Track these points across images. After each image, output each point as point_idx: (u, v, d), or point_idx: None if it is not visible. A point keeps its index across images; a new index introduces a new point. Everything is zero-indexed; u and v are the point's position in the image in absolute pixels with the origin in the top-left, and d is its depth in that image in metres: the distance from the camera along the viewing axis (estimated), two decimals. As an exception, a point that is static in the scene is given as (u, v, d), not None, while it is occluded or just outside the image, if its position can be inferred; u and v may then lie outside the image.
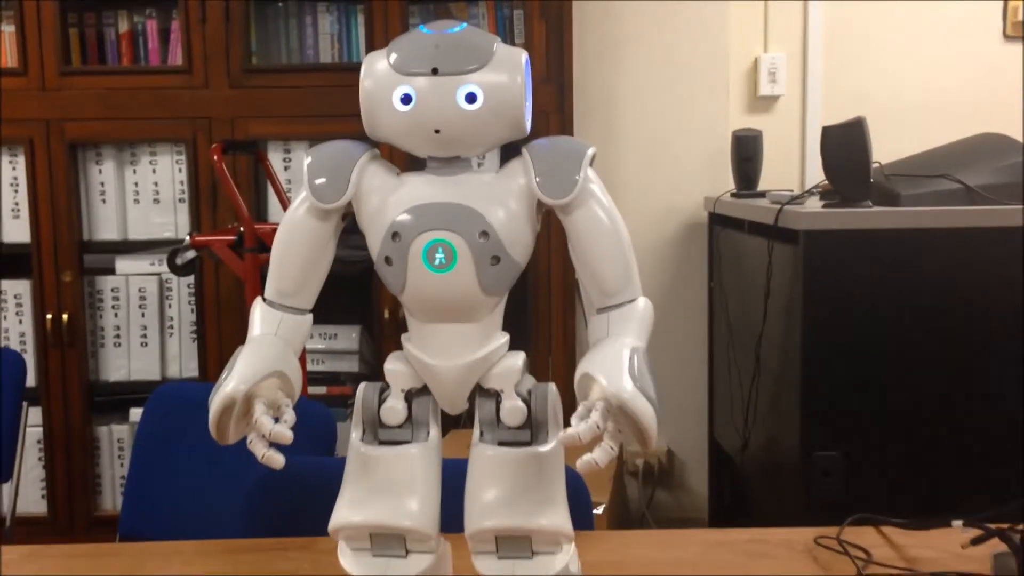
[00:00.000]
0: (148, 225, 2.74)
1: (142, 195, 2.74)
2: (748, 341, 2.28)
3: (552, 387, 0.78)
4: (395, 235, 0.74)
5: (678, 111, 2.88)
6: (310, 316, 0.81)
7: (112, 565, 1.08)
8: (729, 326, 2.56)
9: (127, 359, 2.76)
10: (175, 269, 2.38)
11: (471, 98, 0.72)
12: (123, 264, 2.75)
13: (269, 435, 0.73)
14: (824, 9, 3.02)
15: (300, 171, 2.74)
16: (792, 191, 2.50)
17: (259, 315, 0.80)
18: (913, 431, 1.96)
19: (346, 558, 0.78)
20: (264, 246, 2.37)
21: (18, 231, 2.70)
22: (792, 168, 3.01)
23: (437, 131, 0.73)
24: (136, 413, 2.76)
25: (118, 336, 2.75)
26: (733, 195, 2.62)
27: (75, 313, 2.67)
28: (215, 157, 2.31)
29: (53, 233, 2.66)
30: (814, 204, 2.16)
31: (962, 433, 1.96)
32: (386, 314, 2.62)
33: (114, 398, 2.79)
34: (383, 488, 0.76)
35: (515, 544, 0.76)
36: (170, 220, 2.74)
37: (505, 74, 0.73)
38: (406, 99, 0.73)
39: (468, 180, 0.75)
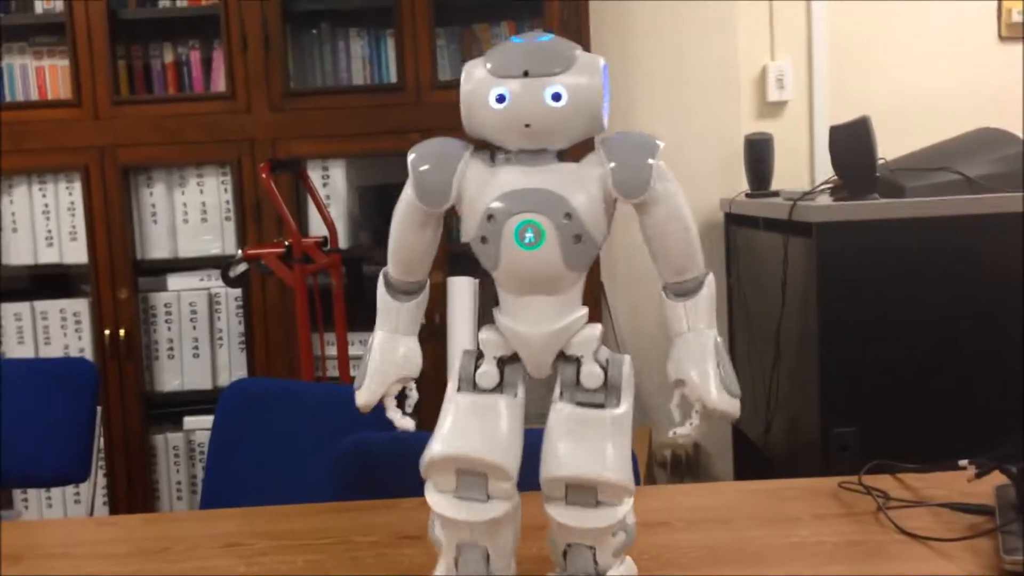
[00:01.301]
0: (197, 243, 2.91)
1: (191, 215, 2.90)
2: (768, 330, 2.43)
3: (627, 358, 0.88)
4: (490, 217, 0.83)
5: (692, 118, 3.05)
6: (427, 289, 0.94)
7: (223, 526, 1.23)
8: (748, 318, 2.71)
9: (180, 370, 2.93)
10: (228, 281, 2.55)
11: (556, 97, 0.82)
12: (174, 281, 2.92)
13: (398, 425, 0.93)
14: (827, 17, 3.18)
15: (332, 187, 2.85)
16: (803, 190, 2.65)
17: (382, 303, 0.93)
18: (923, 404, 2.10)
19: (432, 496, 0.88)
20: (309, 258, 2.54)
21: (75, 252, 2.88)
22: (801, 168, 3.17)
23: (527, 125, 0.82)
24: (190, 421, 2.92)
25: (171, 349, 2.92)
26: (747, 195, 2.78)
27: (131, 328, 2.84)
28: (264, 175, 2.48)
29: (109, 253, 2.83)
30: (825, 199, 2.31)
31: (969, 403, 2.10)
32: (436, 320, 2.78)
33: (169, 410, 2.95)
34: (473, 428, 0.86)
35: (582, 493, 0.86)
36: (217, 237, 2.90)
37: (586, 76, 0.83)
38: (500, 99, 0.82)
39: (553, 170, 0.85)
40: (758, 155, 2.74)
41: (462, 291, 2.66)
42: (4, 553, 1.12)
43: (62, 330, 2.90)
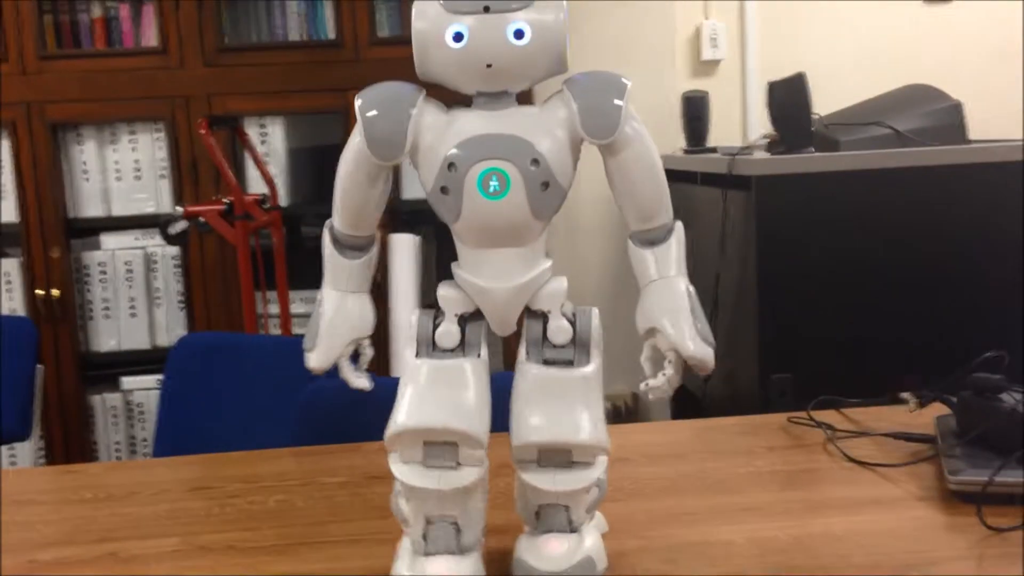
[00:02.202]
0: (131, 201, 2.86)
1: (124, 173, 2.85)
2: (705, 283, 2.49)
3: (595, 311, 0.83)
4: (451, 166, 0.77)
5: (629, 76, 3.07)
6: (376, 246, 0.87)
7: (188, 471, 1.24)
8: (686, 272, 2.78)
9: (117, 330, 2.89)
10: (168, 239, 2.52)
11: (519, 34, 0.76)
12: (108, 240, 2.87)
13: (354, 384, 0.87)
14: (759, -23, 3.24)
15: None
16: (737, 145, 2.71)
17: (330, 261, 0.86)
18: (857, 351, 2.19)
19: (398, 467, 0.83)
20: (250, 215, 2.52)
21: (4, 211, 2.80)
22: (734, 125, 3.23)
23: (489, 66, 0.76)
24: (128, 382, 2.89)
25: (107, 308, 2.88)
26: (685, 151, 2.83)
27: (65, 288, 2.79)
28: (203, 131, 2.44)
29: (39, 212, 2.77)
30: (761, 154, 2.37)
31: (903, 350, 2.19)
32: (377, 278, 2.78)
33: (106, 371, 2.90)
34: (438, 396, 0.81)
35: (556, 456, 0.82)
36: (152, 195, 2.86)
37: (550, 12, 0.77)
38: (458, 37, 0.76)
39: (515, 113, 0.80)
40: (695, 112, 2.79)
41: (404, 248, 2.67)
42: (-31, 501, 1.12)
43: (-6, 290, 2.84)
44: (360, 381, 0.87)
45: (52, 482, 1.23)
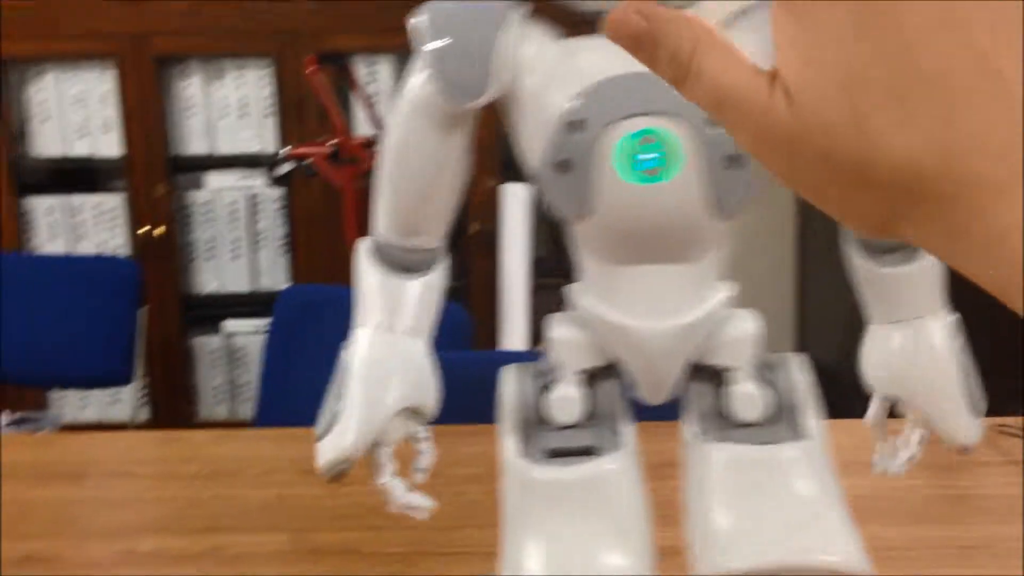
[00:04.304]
0: (235, 139, 2.76)
1: (229, 109, 2.75)
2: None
3: (802, 361, 0.56)
4: (573, 124, 0.50)
5: None
6: (442, 267, 0.59)
7: (298, 448, 1.12)
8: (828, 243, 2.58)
9: (219, 272, 2.81)
10: (273, 180, 2.41)
11: None
12: (213, 178, 2.78)
13: (400, 506, 0.59)
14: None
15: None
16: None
17: (368, 284, 0.59)
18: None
19: None
20: (356, 159, 2.39)
21: (109, 146, 2.73)
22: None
23: None
24: (229, 324, 2.82)
25: (210, 249, 2.80)
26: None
27: (168, 227, 2.71)
28: (309, 70, 2.32)
29: (145, 147, 2.69)
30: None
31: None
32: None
33: (206, 312, 2.83)
34: (572, 529, 0.53)
35: None
36: (256, 134, 2.75)
37: None
38: None
39: None
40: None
41: (517, 200, 2.51)
42: (65, 469, 1.01)
43: (95, 227, 2.78)
44: (412, 498, 0.59)
45: (154, 451, 1.13)
